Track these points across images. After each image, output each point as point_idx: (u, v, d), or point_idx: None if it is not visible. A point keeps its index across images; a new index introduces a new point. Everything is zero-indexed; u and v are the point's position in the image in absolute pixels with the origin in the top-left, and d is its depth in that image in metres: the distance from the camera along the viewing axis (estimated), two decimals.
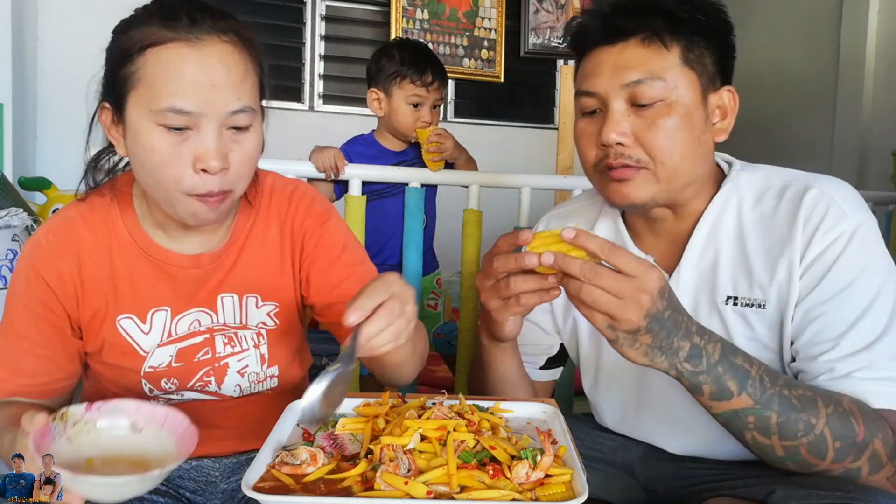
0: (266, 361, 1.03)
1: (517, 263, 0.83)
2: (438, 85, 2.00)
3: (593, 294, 0.77)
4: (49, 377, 0.97)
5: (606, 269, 0.77)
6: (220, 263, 0.99)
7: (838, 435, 0.80)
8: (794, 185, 0.94)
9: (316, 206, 1.04)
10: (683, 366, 0.81)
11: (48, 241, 0.94)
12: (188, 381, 1.00)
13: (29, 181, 2.33)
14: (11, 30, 2.85)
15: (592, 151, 0.96)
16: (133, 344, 0.97)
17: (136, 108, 0.84)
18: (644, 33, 0.92)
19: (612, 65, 0.93)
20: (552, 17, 4.02)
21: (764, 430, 0.82)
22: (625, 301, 0.76)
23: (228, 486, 1.06)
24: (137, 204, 0.97)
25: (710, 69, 0.94)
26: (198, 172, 0.84)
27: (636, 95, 0.91)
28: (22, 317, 0.94)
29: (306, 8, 3.68)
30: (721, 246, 0.97)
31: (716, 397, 0.82)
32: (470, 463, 0.71)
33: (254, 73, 0.88)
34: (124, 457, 0.79)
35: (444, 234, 2.24)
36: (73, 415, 0.80)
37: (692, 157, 0.93)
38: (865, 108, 3.17)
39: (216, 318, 0.99)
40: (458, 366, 1.80)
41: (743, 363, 0.83)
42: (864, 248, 0.88)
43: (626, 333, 0.79)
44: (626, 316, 0.76)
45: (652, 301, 0.77)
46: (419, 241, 1.79)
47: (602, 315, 0.78)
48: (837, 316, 0.87)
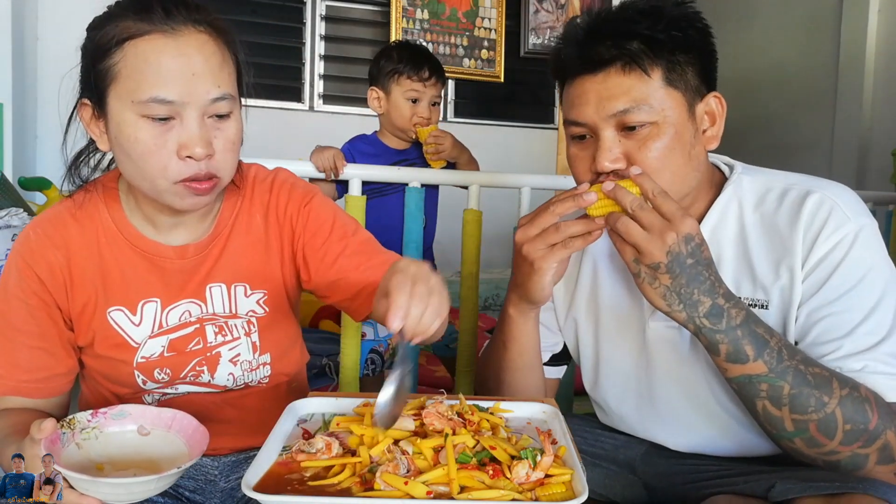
0: (258, 349, 1.03)
1: (576, 203, 0.91)
2: (435, 81, 2.04)
3: (627, 225, 0.85)
4: (48, 371, 0.97)
5: (649, 206, 0.86)
6: (206, 254, 1.00)
7: (850, 418, 0.81)
8: (796, 189, 0.94)
9: (297, 191, 1.05)
10: (702, 321, 0.85)
11: (36, 234, 0.95)
12: (181, 371, 1.00)
13: (29, 181, 2.33)
14: (11, 30, 2.85)
15: (587, 176, 0.97)
16: (124, 335, 0.97)
17: (118, 100, 0.85)
18: (622, 60, 0.90)
19: (596, 95, 0.92)
20: (552, 17, 4.02)
21: (775, 401, 0.83)
22: (652, 235, 0.84)
23: (228, 485, 1.06)
24: (124, 198, 0.99)
25: (694, 82, 0.93)
26: (183, 160, 0.85)
27: (624, 122, 0.91)
28: (17, 310, 0.95)
29: (306, 8, 3.68)
30: (723, 248, 0.97)
31: (732, 359, 0.85)
32: (469, 463, 0.71)
33: (231, 62, 0.90)
34: (133, 460, 0.80)
35: (444, 234, 2.24)
36: (80, 421, 0.81)
37: (684, 173, 0.94)
38: (865, 108, 3.17)
39: (205, 308, 1.00)
40: (458, 366, 1.79)
41: (764, 333, 0.85)
42: (867, 251, 0.89)
43: (647, 268, 0.85)
44: (649, 248, 0.84)
45: (676, 241, 0.83)
46: (419, 240, 1.79)
47: (631, 248, 0.86)
48: (842, 318, 0.88)
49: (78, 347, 1.01)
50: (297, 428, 0.85)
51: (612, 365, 1.10)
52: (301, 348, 1.14)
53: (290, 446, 0.78)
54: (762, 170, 1.02)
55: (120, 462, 0.80)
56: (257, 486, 0.68)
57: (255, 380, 1.05)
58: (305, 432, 0.82)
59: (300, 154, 1.80)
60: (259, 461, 0.73)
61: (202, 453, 0.77)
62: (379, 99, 2.05)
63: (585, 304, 1.12)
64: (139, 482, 0.71)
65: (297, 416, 0.88)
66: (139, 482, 0.71)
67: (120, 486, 0.72)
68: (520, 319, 1.07)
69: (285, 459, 0.75)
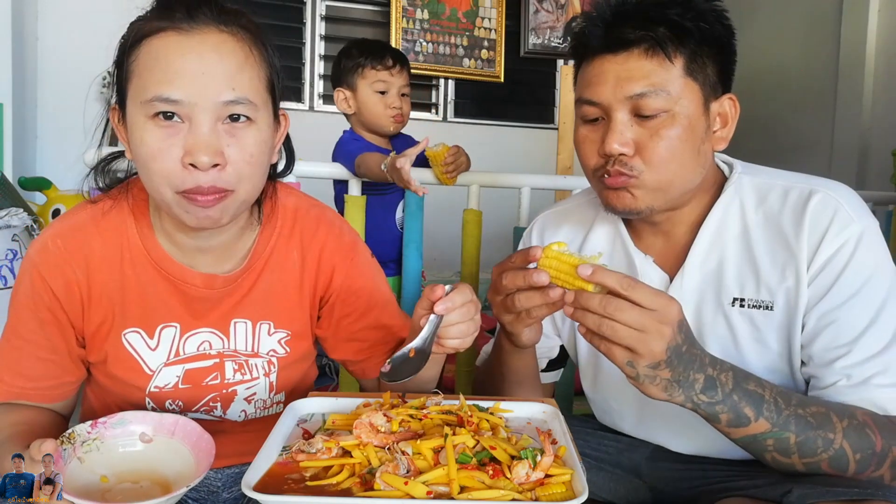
0: (274, 389, 1.01)
1: (526, 281, 0.85)
2: (401, 69, 1.97)
3: (614, 328, 0.76)
4: (56, 380, 0.94)
5: (626, 302, 0.76)
6: (235, 286, 0.95)
7: (857, 447, 0.81)
8: (798, 188, 0.94)
9: (345, 238, 1.01)
10: (700, 398, 0.81)
11: (56, 245, 0.90)
12: (194, 404, 0.97)
13: (29, 181, 2.33)
14: (11, 30, 2.85)
15: (594, 159, 0.96)
16: (139, 360, 0.94)
17: (132, 102, 0.81)
18: (647, 43, 0.90)
19: (614, 75, 0.91)
20: (552, 17, 4.02)
21: (783, 451, 0.82)
22: (648, 334, 0.76)
23: (230, 496, 1.04)
24: (153, 213, 0.93)
25: (713, 78, 0.93)
26: (186, 167, 0.79)
27: (639, 107, 0.90)
28: (27, 321, 0.91)
29: (306, 8, 3.68)
30: (726, 248, 0.96)
31: (733, 424, 0.82)
32: (469, 463, 0.71)
33: (256, 66, 0.84)
34: (137, 470, 0.78)
35: (444, 234, 2.24)
36: (80, 434, 0.79)
37: (691, 168, 0.93)
38: (865, 108, 3.17)
39: (227, 343, 0.96)
40: (458, 366, 1.80)
41: (756, 388, 0.83)
42: (871, 253, 0.89)
43: (646, 368, 0.78)
44: (649, 348, 0.76)
45: (673, 333, 0.77)
46: (419, 240, 1.79)
47: (622, 350, 0.78)
48: (849, 322, 0.87)
49: (88, 362, 0.97)
50: (297, 428, 0.85)
51: (610, 368, 1.09)
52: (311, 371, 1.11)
53: (290, 446, 0.77)
54: (761, 168, 1.01)
55: (124, 473, 0.78)
56: (257, 486, 0.68)
57: (267, 415, 1.02)
58: (305, 432, 0.82)
59: (300, 154, 1.80)
60: (259, 461, 0.73)
61: (209, 467, 0.75)
62: (346, 99, 1.99)
63: None
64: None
65: (297, 416, 0.88)
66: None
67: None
68: (516, 355, 1.05)
69: (285, 460, 0.75)
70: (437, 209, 2.16)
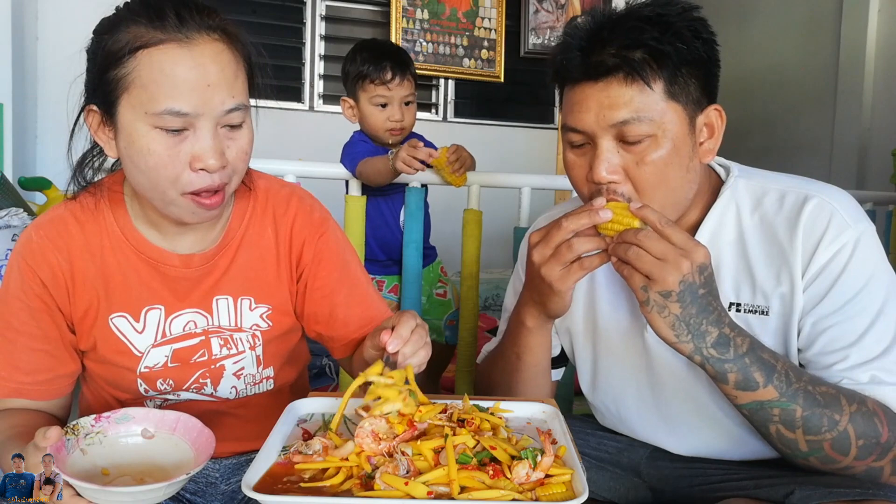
0: (261, 363, 1.03)
1: (590, 218, 0.89)
2: (401, 80, 1.90)
3: (639, 254, 0.84)
4: (51, 373, 0.96)
5: (656, 234, 0.84)
6: (213, 264, 0.98)
7: (861, 433, 0.81)
8: (794, 192, 0.93)
9: (314, 214, 1.03)
10: (709, 351, 0.84)
11: (38, 236, 0.94)
12: (184, 382, 1.00)
13: (29, 181, 2.33)
14: (11, 30, 2.85)
15: (585, 187, 0.96)
16: (127, 343, 0.96)
17: (130, 111, 0.83)
18: (625, 70, 0.88)
19: (596, 103, 0.90)
20: (552, 17, 4.01)
21: (789, 424, 0.83)
22: (666, 263, 0.82)
23: (229, 488, 1.06)
24: (129, 203, 0.97)
25: (696, 94, 0.91)
26: (196, 171, 0.84)
27: (623, 133, 0.89)
28: (18, 311, 0.94)
29: (306, 8, 3.68)
30: (722, 253, 0.96)
31: (741, 387, 0.84)
32: (469, 464, 0.71)
33: (243, 70, 0.89)
34: (138, 464, 0.80)
35: (444, 234, 2.24)
36: (84, 426, 0.81)
37: (681, 187, 0.93)
38: (865, 108, 3.17)
39: (211, 320, 0.99)
40: (458, 366, 1.80)
41: (769, 358, 0.85)
42: (868, 258, 0.89)
43: (657, 295, 0.83)
44: (663, 275, 0.82)
45: (691, 270, 0.82)
46: (419, 240, 1.79)
47: (640, 275, 0.84)
48: (847, 326, 0.87)
49: (80, 351, 1.00)
50: (296, 428, 0.85)
51: (610, 370, 1.09)
52: (302, 354, 1.14)
53: (289, 447, 0.78)
54: (757, 171, 1.01)
55: (125, 466, 0.79)
56: (257, 486, 0.68)
57: (258, 392, 1.04)
58: (305, 432, 0.82)
59: (300, 154, 1.81)
60: (259, 461, 0.73)
61: (209, 458, 0.76)
62: (352, 108, 1.95)
63: (583, 310, 1.11)
64: (147, 490, 0.71)
65: (296, 416, 0.88)
66: (147, 490, 0.71)
67: (128, 495, 0.71)
68: (538, 331, 1.05)
69: (285, 460, 0.75)
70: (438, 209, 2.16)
